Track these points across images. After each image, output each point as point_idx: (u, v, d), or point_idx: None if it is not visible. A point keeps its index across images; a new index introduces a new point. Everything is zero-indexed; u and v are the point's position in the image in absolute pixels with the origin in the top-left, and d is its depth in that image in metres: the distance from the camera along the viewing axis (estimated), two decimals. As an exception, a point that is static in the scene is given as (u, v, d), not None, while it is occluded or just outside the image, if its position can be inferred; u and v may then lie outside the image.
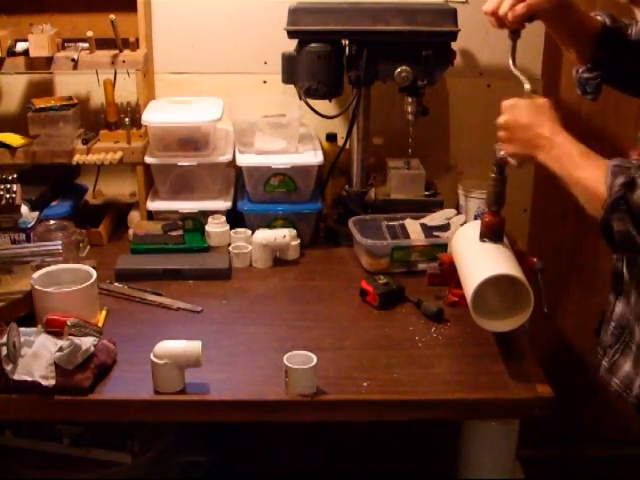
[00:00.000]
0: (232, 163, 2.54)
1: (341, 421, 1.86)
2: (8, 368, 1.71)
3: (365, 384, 1.77)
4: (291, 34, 2.42)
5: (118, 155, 2.47)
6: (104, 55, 2.49)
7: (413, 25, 2.37)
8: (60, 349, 1.73)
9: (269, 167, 2.48)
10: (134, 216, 2.58)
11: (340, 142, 2.63)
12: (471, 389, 1.77)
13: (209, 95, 2.66)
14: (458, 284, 2.05)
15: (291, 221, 2.46)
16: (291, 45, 2.45)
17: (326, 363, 1.81)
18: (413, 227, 2.41)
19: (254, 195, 2.52)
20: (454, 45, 2.41)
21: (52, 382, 1.70)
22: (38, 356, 1.74)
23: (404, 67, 2.35)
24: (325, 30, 2.39)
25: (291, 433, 2.44)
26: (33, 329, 1.85)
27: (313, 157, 2.52)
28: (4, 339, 1.71)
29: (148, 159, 2.48)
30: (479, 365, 1.86)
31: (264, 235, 2.34)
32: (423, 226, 2.41)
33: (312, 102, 2.48)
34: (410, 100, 2.43)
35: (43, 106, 2.55)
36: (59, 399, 1.71)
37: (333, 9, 2.44)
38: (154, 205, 2.51)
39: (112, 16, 2.41)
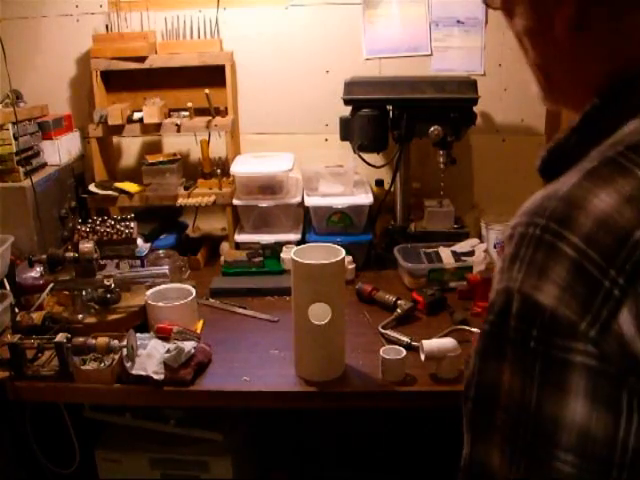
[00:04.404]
0: (301, 204, 2.56)
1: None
2: (128, 365, 1.74)
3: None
4: (346, 102, 2.44)
5: (212, 198, 2.50)
6: (201, 120, 2.53)
7: (443, 93, 2.38)
8: (168, 351, 1.76)
9: (330, 207, 2.49)
10: (225, 246, 2.59)
11: (386, 186, 2.63)
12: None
13: (283, 151, 2.67)
14: (482, 298, 2.04)
15: (348, 249, 2.46)
16: (346, 110, 2.47)
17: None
18: (445, 253, 2.40)
19: (318, 229, 2.52)
20: (475, 108, 2.40)
21: (162, 376, 1.72)
22: (151, 356, 1.76)
23: (436, 126, 2.35)
24: (373, 98, 2.40)
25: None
26: (147, 335, 1.88)
27: (365, 198, 2.52)
28: (124, 342, 1.74)
29: (235, 201, 2.51)
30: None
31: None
32: (453, 252, 2.40)
33: (364, 155, 2.50)
34: (441, 152, 2.42)
35: (154, 161, 2.60)
36: (167, 389, 1.73)
37: (379, 82, 2.46)
38: (240, 237, 2.53)
39: (207, 90, 2.46)
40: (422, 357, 1.73)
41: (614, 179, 0.68)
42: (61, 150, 2.53)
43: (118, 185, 2.56)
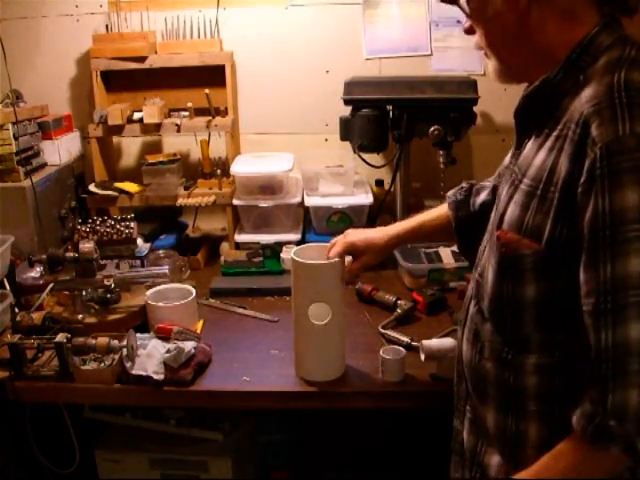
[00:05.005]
0: (301, 204, 2.56)
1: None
2: (127, 365, 1.74)
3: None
4: (346, 102, 2.44)
5: (212, 198, 2.50)
6: (200, 121, 2.53)
7: (443, 93, 2.38)
8: (168, 351, 1.76)
9: (330, 207, 2.50)
10: (224, 246, 2.60)
11: (386, 186, 2.64)
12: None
13: (283, 151, 2.68)
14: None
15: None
16: (346, 110, 2.47)
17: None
18: (445, 253, 2.39)
19: (318, 229, 2.53)
20: (475, 109, 2.41)
21: (162, 376, 1.72)
22: (151, 356, 1.76)
23: (436, 126, 2.35)
24: (373, 98, 2.41)
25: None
26: (147, 335, 1.88)
27: (365, 199, 2.52)
28: (124, 342, 1.74)
29: (235, 201, 2.51)
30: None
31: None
32: (453, 252, 2.39)
33: (364, 155, 2.50)
34: (441, 152, 2.42)
35: (154, 161, 2.61)
36: (167, 389, 1.73)
37: (379, 82, 2.46)
38: (240, 237, 2.53)
39: (207, 90, 2.46)
40: (422, 357, 1.73)
41: None
42: (61, 150, 2.53)
43: (118, 185, 2.56)
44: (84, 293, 1.99)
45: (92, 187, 2.55)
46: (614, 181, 1.01)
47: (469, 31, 1.26)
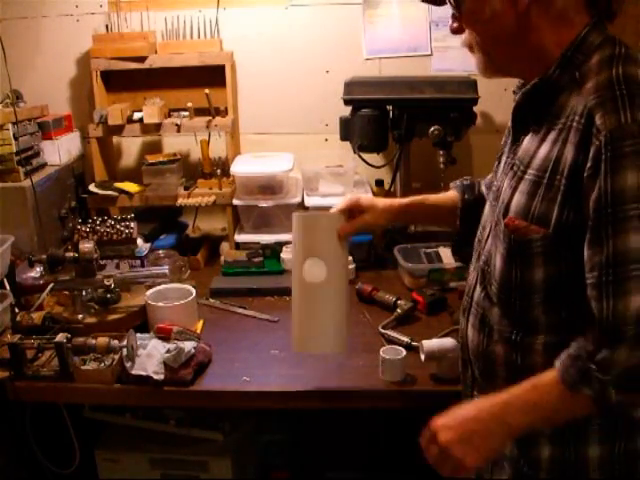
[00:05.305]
0: (301, 204, 2.55)
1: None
2: (127, 365, 1.74)
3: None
4: (346, 102, 2.44)
5: (212, 198, 2.50)
6: (200, 121, 2.53)
7: (443, 93, 2.38)
8: (168, 351, 1.76)
9: (330, 207, 2.47)
10: (224, 246, 2.60)
11: (386, 186, 2.64)
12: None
13: (283, 151, 2.68)
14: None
15: (348, 249, 2.46)
16: (346, 110, 2.47)
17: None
18: (445, 253, 2.39)
19: (319, 229, 2.52)
20: (475, 109, 2.41)
21: (162, 376, 1.72)
22: (151, 356, 1.76)
23: (436, 126, 2.35)
24: (373, 98, 2.41)
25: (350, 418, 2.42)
26: (147, 335, 1.88)
27: (365, 199, 2.52)
28: (124, 342, 1.74)
29: (235, 201, 2.51)
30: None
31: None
32: (453, 252, 2.40)
33: (364, 155, 2.50)
34: (441, 152, 2.42)
35: (154, 161, 2.61)
36: (167, 389, 1.73)
37: (379, 82, 2.46)
38: (240, 237, 2.53)
39: (207, 90, 2.46)
40: (422, 357, 1.73)
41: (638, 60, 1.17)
42: (61, 150, 2.53)
43: (118, 185, 2.56)
44: (84, 293, 1.99)
45: (92, 187, 2.55)
46: (616, 164, 1.08)
47: (457, 30, 1.29)
